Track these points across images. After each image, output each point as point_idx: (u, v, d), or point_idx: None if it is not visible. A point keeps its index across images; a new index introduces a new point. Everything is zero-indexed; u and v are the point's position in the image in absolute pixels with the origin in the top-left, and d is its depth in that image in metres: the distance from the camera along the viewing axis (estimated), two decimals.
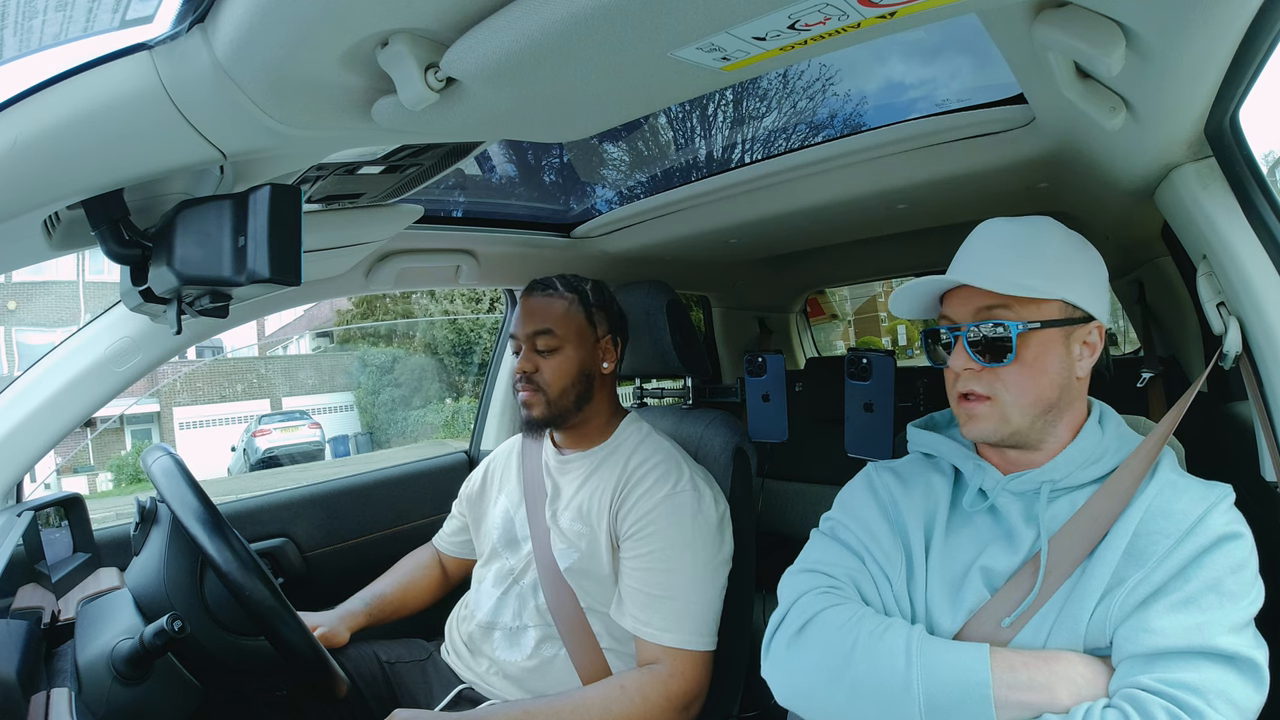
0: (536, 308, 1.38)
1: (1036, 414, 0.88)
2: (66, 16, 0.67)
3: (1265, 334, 0.93)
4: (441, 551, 1.64)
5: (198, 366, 15.80)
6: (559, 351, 1.36)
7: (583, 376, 1.38)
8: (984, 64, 1.16)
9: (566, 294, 1.40)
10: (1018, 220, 0.93)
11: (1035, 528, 0.87)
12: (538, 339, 1.36)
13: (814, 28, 0.63)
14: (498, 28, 0.62)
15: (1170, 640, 0.73)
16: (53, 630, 1.06)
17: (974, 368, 0.88)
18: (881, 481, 1.01)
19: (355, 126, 0.79)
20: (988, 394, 0.88)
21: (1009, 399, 0.87)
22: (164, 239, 0.84)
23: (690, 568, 1.24)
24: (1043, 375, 0.87)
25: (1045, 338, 0.87)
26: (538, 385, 1.36)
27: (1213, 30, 0.68)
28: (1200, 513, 0.79)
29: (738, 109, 1.61)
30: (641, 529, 1.26)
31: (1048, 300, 0.87)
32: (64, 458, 9.39)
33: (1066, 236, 0.92)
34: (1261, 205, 0.92)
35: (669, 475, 1.30)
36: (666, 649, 1.21)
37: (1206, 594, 0.75)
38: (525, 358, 1.37)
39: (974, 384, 0.89)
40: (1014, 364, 0.87)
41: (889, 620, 0.85)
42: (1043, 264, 0.89)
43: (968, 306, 0.90)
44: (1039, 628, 0.82)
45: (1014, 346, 0.86)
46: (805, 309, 3.19)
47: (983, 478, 0.92)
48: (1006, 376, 0.87)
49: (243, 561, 1.07)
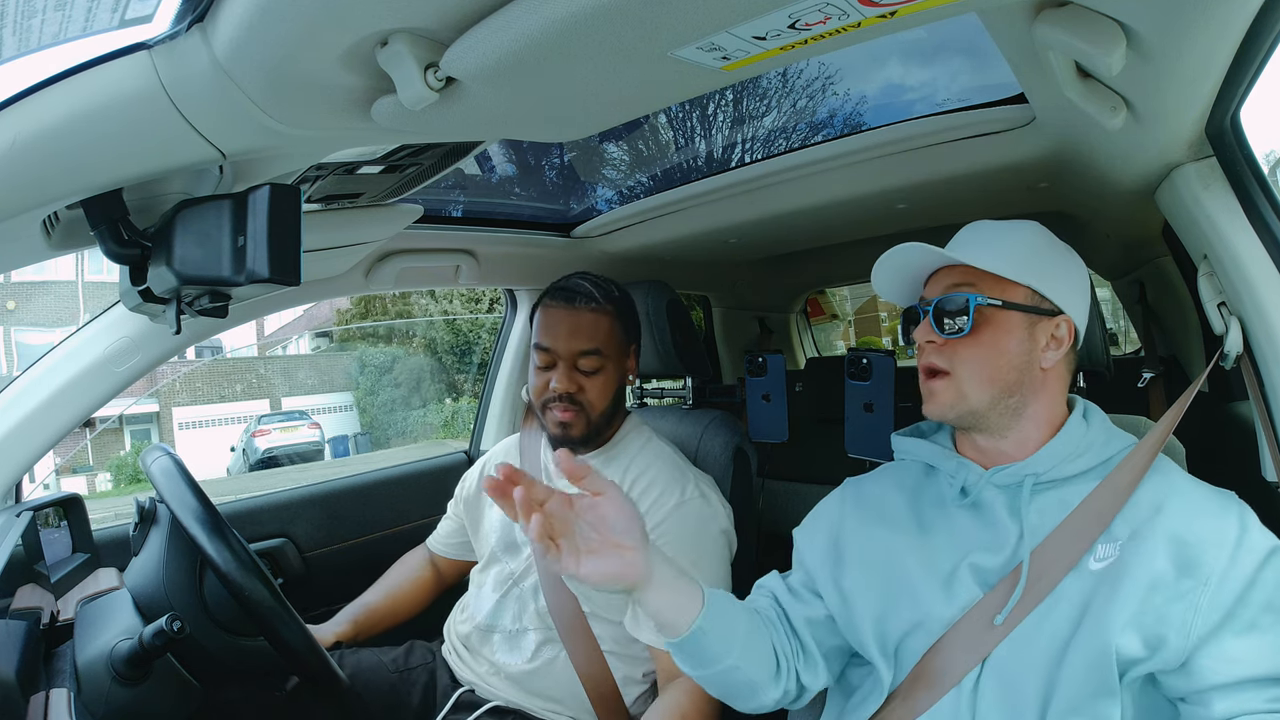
0: (582, 324, 1.30)
1: (994, 394, 0.89)
2: (65, 16, 0.67)
3: (1266, 334, 0.93)
4: (436, 553, 1.63)
5: (197, 366, 15.78)
6: (603, 371, 1.30)
7: (620, 391, 1.36)
8: (984, 63, 1.16)
9: (608, 306, 1.33)
10: (1004, 221, 0.96)
11: (1019, 523, 0.87)
12: (582, 359, 1.29)
13: (814, 27, 0.63)
14: (497, 27, 0.62)
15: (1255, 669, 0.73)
16: (52, 630, 1.06)
17: (936, 341, 0.91)
18: (848, 497, 1.04)
19: (355, 126, 0.79)
20: (946, 368, 0.90)
21: (965, 373, 0.89)
22: (163, 239, 0.84)
23: (705, 575, 1.24)
24: (1000, 355, 0.88)
25: (1006, 319, 0.89)
26: (581, 406, 1.30)
27: (1214, 29, 0.68)
28: (1239, 525, 0.79)
29: (738, 108, 1.61)
30: (653, 540, 1.25)
31: (1015, 284, 0.89)
32: (63, 458, 9.39)
33: (1047, 237, 0.95)
34: (1262, 205, 0.92)
35: (675, 484, 1.29)
36: None
37: (1264, 615, 0.75)
38: (566, 376, 1.29)
39: (934, 357, 0.91)
40: (970, 337, 0.89)
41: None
42: (1015, 250, 0.91)
43: (939, 284, 0.93)
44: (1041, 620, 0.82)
45: (970, 317, 0.88)
46: (805, 309, 3.19)
47: (965, 475, 0.93)
48: (963, 350, 0.89)
49: (242, 562, 1.07)
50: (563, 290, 1.34)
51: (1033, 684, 0.80)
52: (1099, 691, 0.77)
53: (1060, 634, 0.81)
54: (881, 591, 0.93)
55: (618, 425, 1.42)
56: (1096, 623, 0.79)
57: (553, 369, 1.31)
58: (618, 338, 1.34)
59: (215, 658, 1.15)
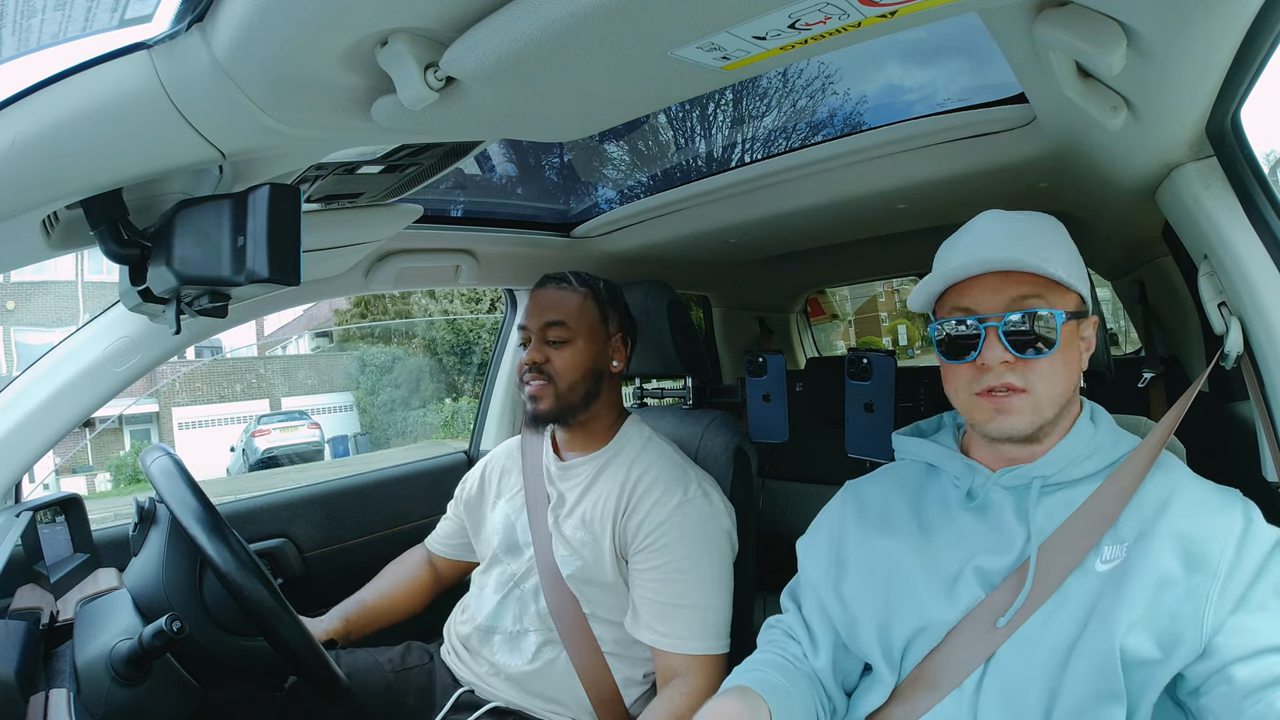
0: (550, 299, 1.37)
1: (1061, 406, 0.87)
2: (65, 15, 0.67)
3: (1266, 334, 0.93)
4: (434, 553, 1.62)
5: (196, 366, 15.77)
6: (571, 344, 1.35)
7: (593, 372, 1.37)
8: (984, 63, 1.16)
9: (580, 288, 1.39)
10: (1020, 213, 0.93)
11: (1026, 525, 0.86)
12: (550, 330, 1.35)
13: (814, 27, 0.63)
14: (497, 27, 0.62)
15: (1273, 639, 0.73)
16: (51, 631, 1.06)
17: (1010, 360, 0.84)
18: (849, 503, 1.03)
19: (355, 126, 0.79)
20: (1024, 387, 0.84)
21: (1043, 390, 0.84)
22: (163, 239, 0.84)
23: (706, 574, 1.24)
24: (1072, 366, 0.87)
25: (1070, 329, 0.87)
26: (548, 376, 1.34)
27: (1214, 29, 0.68)
28: (1243, 519, 0.79)
29: (738, 108, 1.61)
30: (655, 540, 1.25)
31: (1070, 290, 0.87)
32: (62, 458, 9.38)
33: (1065, 233, 0.93)
34: (1263, 205, 0.92)
35: (677, 484, 1.29)
36: (693, 658, 1.20)
37: (1274, 598, 0.76)
38: (535, 348, 1.35)
39: (1009, 377, 0.84)
40: (1053, 355, 0.84)
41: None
42: (1062, 254, 0.89)
43: (1000, 295, 0.85)
44: (1045, 622, 0.81)
45: (1059, 337, 0.84)
46: (806, 309, 3.19)
47: (972, 478, 0.92)
48: (1041, 368, 0.84)
49: (242, 562, 1.07)
50: (545, 277, 1.43)
51: (1036, 686, 0.80)
52: (1104, 695, 0.77)
53: (1065, 636, 0.80)
54: (884, 599, 0.92)
55: (615, 423, 1.42)
56: (1102, 625, 0.78)
57: (529, 346, 1.38)
58: (589, 316, 1.38)
59: (215, 658, 1.15)
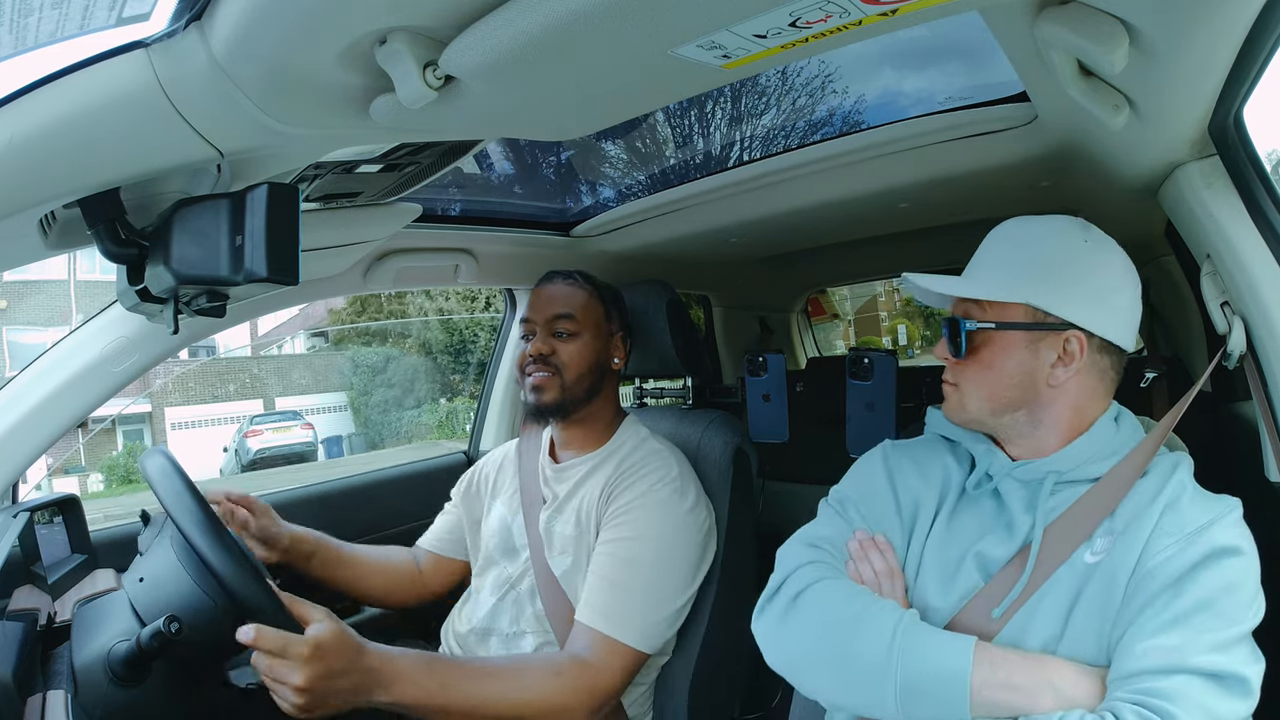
0: (559, 293, 1.40)
1: (994, 409, 0.91)
2: (62, 14, 0.66)
3: (1269, 333, 0.93)
4: (424, 550, 1.57)
5: (190, 367, 15.72)
6: (578, 337, 1.37)
7: (597, 366, 1.39)
8: (986, 62, 1.16)
9: (586, 285, 1.43)
10: (1033, 220, 0.94)
11: (1033, 517, 0.87)
12: (557, 323, 1.37)
13: (815, 25, 0.63)
14: (496, 25, 0.62)
15: (1151, 662, 0.72)
16: (49, 632, 1.06)
17: (949, 358, 0.95)
18: (896, 460, 1.03)
19: (353, 125, 0.79)
20: (953, 381, 0.95)
21: (967, 389, 0.93)
22: (161, 238, 0.84)
23: (655, 563, 1.22)
24: (999, 375, 0.89)
25: (1003, 339, 0.89)
26: (555, 368, 1.35)
27: (1217, 27, 0.68)
28: (1205, 521, 0.78)
29: (737, 107, 1.61)
30: (615, 517, 1.26)
31: (1012, 303, 0.89)
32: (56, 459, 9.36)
33: (1070, 242, 0.90)
34: (1266, 204, 0.91)
35: (656, 471, 1.30)
36: (602, 637, 1.16)
37: (1197, 613, 0.73)
38: (541, 340, 1.37)
39: (948, 372, 0.96)
40: (969, 360, 0.92)
41: (882, 601, 0.87)
42: (1016, 267, 0.90)
43: (959, 305, 0.96)
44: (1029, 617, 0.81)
45: (963, 343, 0.91)
46: (806, 308, 3.19)
47: (991, 460, 0.93)
48: (965, 370, 0.93)
49: (239, 563, 1.07)
50: (551, 272, 1.46)
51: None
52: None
53: (1051, 630, 0.80)
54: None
55: (613, 422, 1.42)
56: (1084, 616, 0.79)
57: (533, 338, 1.39)
58: (595, 313, 1.41)
59: (214, 658, 1.14)
